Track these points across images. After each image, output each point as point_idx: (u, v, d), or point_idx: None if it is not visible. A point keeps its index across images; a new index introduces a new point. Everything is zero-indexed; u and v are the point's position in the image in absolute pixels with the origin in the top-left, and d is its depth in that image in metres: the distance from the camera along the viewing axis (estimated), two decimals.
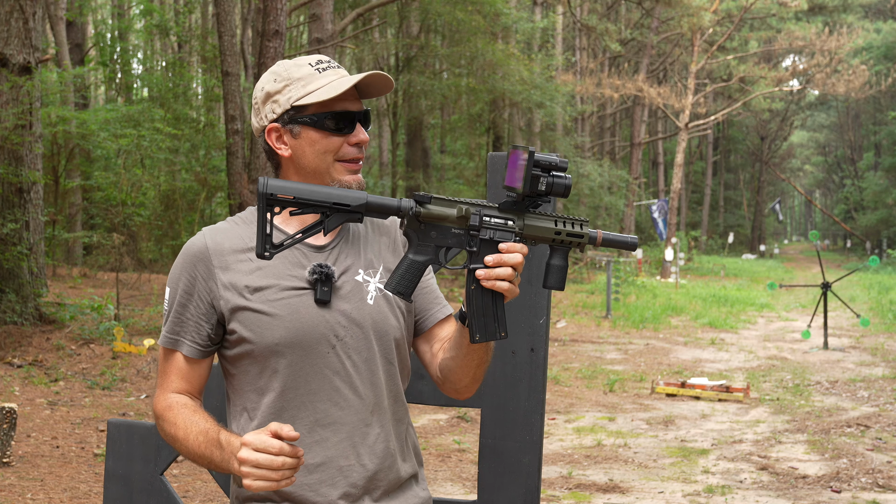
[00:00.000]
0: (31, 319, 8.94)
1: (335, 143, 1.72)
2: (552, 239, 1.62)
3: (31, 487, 5.11)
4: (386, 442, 1.72)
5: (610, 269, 16.11)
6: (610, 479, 5.91)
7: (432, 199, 1.59)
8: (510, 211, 1.61)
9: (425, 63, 22.67)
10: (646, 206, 32.06)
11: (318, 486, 1.67)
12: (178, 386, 1.73)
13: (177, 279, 1.73)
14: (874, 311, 17.25)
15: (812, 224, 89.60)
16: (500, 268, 1.56)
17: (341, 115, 1.71)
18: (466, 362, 1.69)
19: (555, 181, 1.55)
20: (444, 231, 1.60)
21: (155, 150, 14.91)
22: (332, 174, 1.72)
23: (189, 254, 1.72)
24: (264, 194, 1.55)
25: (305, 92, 1.70)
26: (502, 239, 1.59)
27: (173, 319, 1.72)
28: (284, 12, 10.63)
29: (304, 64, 1.73)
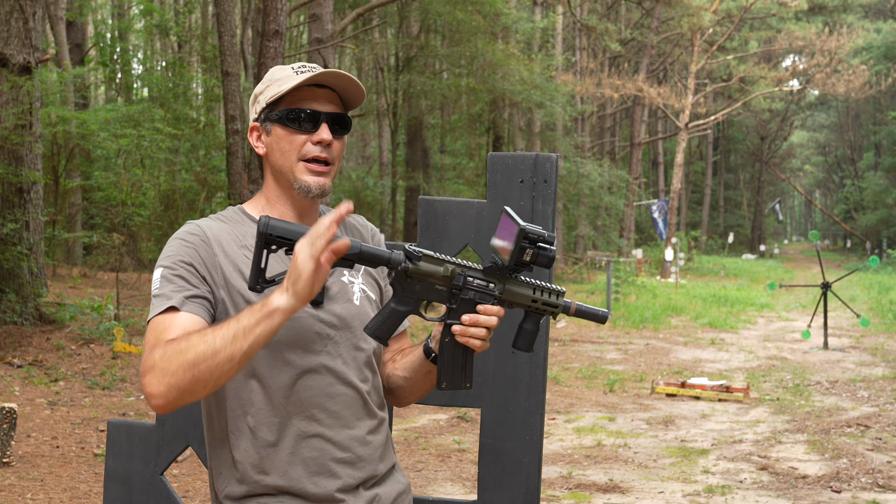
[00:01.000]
0: (31, 319, 8.94)
1: (298, 141, 1.75)
2: (528, 305, 1.70)
3: (31, 487, 5.11)
4: (375, 434, 1.79)
5: (610, 269, 16.10)
6: (610, 479, 5.91)
7: (423, 256, 1.66)
8: (493, 275, 1.69)
9: (425, 63, 22.66)
10: (646, 206, 32.06)
11: (317, 479, 1.71)
12: (179, 334, 1.63)
13: (171, 258, 1.70)
14: (874, 311, 17.25)
15: (812, 224, 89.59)
16: (475, 328, 1.65)
17: (305, 113, 1.75)
18: (418, 387, 1.85)
19: (539, 254, 1.63)
20: (428, 286, 1.68)
21: (155, 150, 14.91)
22: (294, 174, 1.76)
23: (188, 238, 1.72)
24: (264, 234, 1.61)
25: (278, 90, 1.75)
26: (482, 301, 1.68)
27: (173, 288, 1.66)
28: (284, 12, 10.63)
29: (288, 68, 1.79)
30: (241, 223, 1.80)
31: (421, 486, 5.69)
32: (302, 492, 1.70)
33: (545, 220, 2.24)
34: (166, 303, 1.65)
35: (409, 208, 22.35)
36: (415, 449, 6.61)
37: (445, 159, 27.73)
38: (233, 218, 1.81)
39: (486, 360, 2.26)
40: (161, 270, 1.69)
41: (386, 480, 1.82)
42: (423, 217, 2.30)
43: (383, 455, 1.81)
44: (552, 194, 2.24)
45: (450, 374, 1.71)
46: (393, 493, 1.82)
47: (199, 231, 1.74)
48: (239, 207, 1.84)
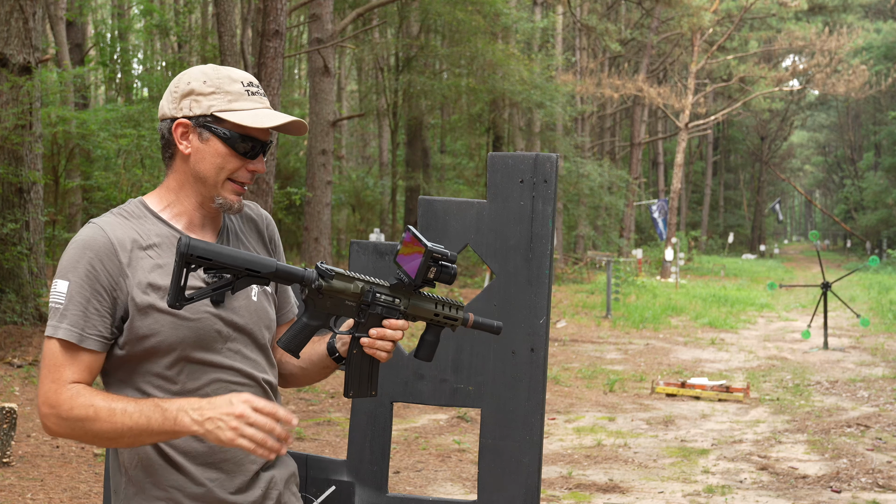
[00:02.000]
0: (31, 319, 8.94)
1: (236, 164, 1.81)
2: (431, 319, 1.84)
3: (31, 487, 5.11)
4: None
5: (610, 269, 16.10)
6: (610, 479, 5.91)
7: (335, 275, 1.77)
8: (399, 291, 1.82)
9: (425, 63, 22.66)
10: (646, 206, 32.06)
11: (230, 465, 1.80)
12: (77, 377, 1.70)
13: (76, 271, 1.71)
14: (874, 311, 17.25)
15: (812, 224, 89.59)
16: (382, 340, 1.78)
17: (253, 142, 1.81)
18: (313, 378, 1.98)
19: (442, 271, 1.76)
20: (338, 302, 1.79)
21: (155, 150, 14.90)
22: (219, 189, 1.82)
23: (92, 247, 1.73)
24: (185, 254, 1.65)
25: (231, 107, 1.79)
26: (388, 315, 1.80)
27: (76, 313, 1.70)
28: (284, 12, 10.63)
29: (238, 80, 1.82)
30: (143, 218, 1.81)
31: (421, 486, 5.69)
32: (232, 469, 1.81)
33: (545, 220, 2.24)
34: (71, 333, 1.70)
35: (409, 208, 22.35)
36: (415, 449, 6.61)
37: (445, 159, 27.73)
38: (135, 213, 1.82)
39: (486, 361, 2.26)
40: (67, 285, 1.71)
41: (277, 463, 1.92)
42: (423, 217, 2.30)
43: None
44: (552, 194, 2.24)
45: (356, 383, 1.83)
46: (286, 475, 1.93)
47: (103, 237, 1.74)
48: (140, 201, 1.85)
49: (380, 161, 28.73)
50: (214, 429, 1.62)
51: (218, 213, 1.88)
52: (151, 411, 1.65)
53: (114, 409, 1.65)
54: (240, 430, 1.61)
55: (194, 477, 1.77)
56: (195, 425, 1.63)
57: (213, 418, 1.62)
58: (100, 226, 1.76)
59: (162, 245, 1.78)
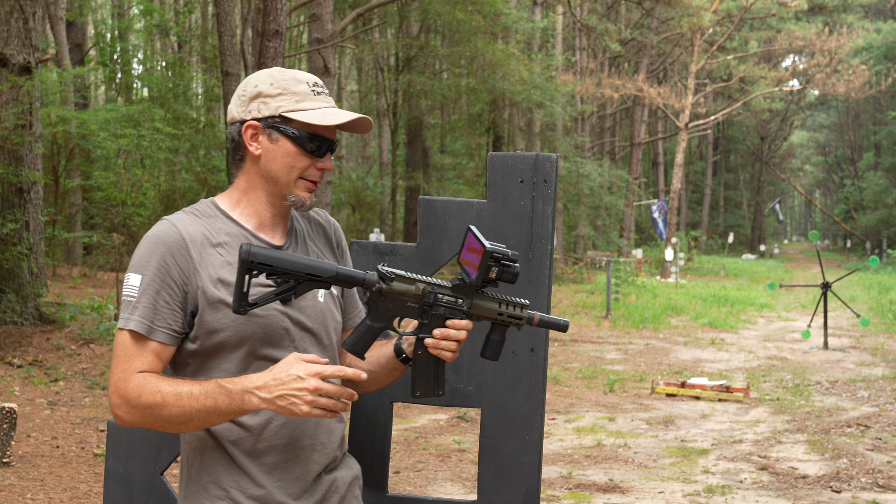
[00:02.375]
0: (31, 319, 8.94)
1: (305, 162, 1.85)
2: (494, 318, 1.84)
3: (31, 487, 5.11)
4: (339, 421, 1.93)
5: (610, 269, 16.10)
6: (610, 479, 5.91)
7: (396, 277, 1.79)
8: (461, 291, 1.83)
9: (425, 63, 22.66)
10: (646, 206, 32.06)
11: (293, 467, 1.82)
12: (146, 367, 1.75)
13: (148, 266, 1.76)
14: (874, 311, 17.25)
15: (812, 224, 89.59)
16: (446, 341, 1.79)
17: (321, 140, 1.85)
18: (380, 381, 1.97)
19: (504, 270, 1.76)
20: (401, 304, 1.81)
21: (155, 150, 14.91)
22: (292, 188, 1.85)
23: (164, 242, 1.77)
24: (246, 261, 1.70)
25: (298, 107, 1.83)
26: (451, 316, 1.81)
27: (147, 305, 1.75)
28: (284, 12, 10.63)
29: (303, 81, 1.85)
30: (214, 217, 1.85)
31: (421, 486, 5.69)
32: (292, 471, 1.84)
33: (545, 220, 2.24)
34: (142, 325, 1.74)
35: (409, 208, 22.35)
36: (415, 449, 6.61)
37: (445, 159, 27.73)
38: (206, 212, 1.86)
39: (486, 361, 2.26)
40: (139, 278, 1.76)
41: (341, 465, 1.94)
42: (423, 217, 2.30)
43: (342, 443, 1.94)
44: (552, 194, 2.24)
45: (423, 383, 1.85)
46: (348, 478, 1.95)
47: (175, 232, 1.78)
48: (211, 201, 1.89)
49: (380, 161, 28.72)
50: (288, 405, 1.66)
51: (287, 214, 1.91)
52: (217, 393, 1.68)
53: (180, 393, 1.69)
54: (315, 403, 1.66)
55: (256, 478, 1.80)
56: (265, 404, 1.67)
57: (284, 395, 1.65)
58: (172, 222, 1.81)
59: (231, 243, 1.82)
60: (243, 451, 1.80)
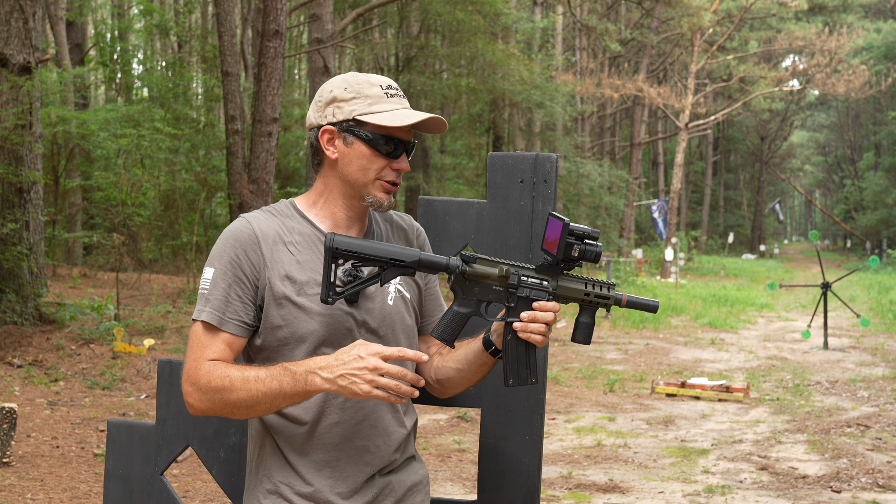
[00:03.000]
0: (31, 319, 8.94)
1: (380, 164, 1.86)
2: (581, 299, 1.81)
3: (31, 487, 5.11)
4: (399, 426, 1.90)
5: (610, 268, 16.10)
6: (610, 479, 5.91)
7: (478, 259, 1.78)
8: (545, 272, 1.81)
9: (425, 63, 22.66)
10: (646, 206, 32.06)
11: (344, 466, 1.82)
12: (216, 356, 1.78)
13: (223, 260, 1.81)
14: (874, 311, 17.25)
15: (812, 224, 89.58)
16: (535, 323, 1.76)
17: (395, 142, 1.87)
18: (469, 378, 1.93)
19: (587, 249, 1.76)
20: (486, 287, 1.80)
21: (155, 150, 14.91)
22: (369, 189, 1.87)
23: (238, 238, 1.82)
24: (330, 248, 1.74)
25: (371, 110, 1.85)
26: (537, 297, 1.79)
27: (219, 297, 1.79)
28: (284, 12, 10.63)
29: (376, 84, 1.88)
30: (290, 217, 1.89)
31: None
32: (341, 473, 1.84)
33: (545, 221, 2.24)
34: (214, 316, 1.79)
35: (409, 208, 22.36)
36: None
37: (445, 159, 27.73)
38: (283, 211, 1.90)
39: None
40: (213, 272, 1.81)
41: (400, 469, 1.92)
42: (423, 217, 2.30)
43: (401, 448, 1.91)
44: (552, 194, 2.24)
45: (515, 370, 1.81)
46: (407, 482, 1.92)
47: (249, 230, 1.83)
48: (290, 201, 1.93)
49: None
50: (349, 384, 1.66)
51: (364, 216, 1.92)
52: (282, 375, 1.70)
53: (247, 377, 1.72)
54: (375, 382, 1.65)
55: (305, 476, 1.81)
56: (327, 384, 1.68)
57: (345, 374, 1.66)
58: (247, 219, 1.85)
59: (302, 243, 1.85)
60: (294, 449, 1.82)
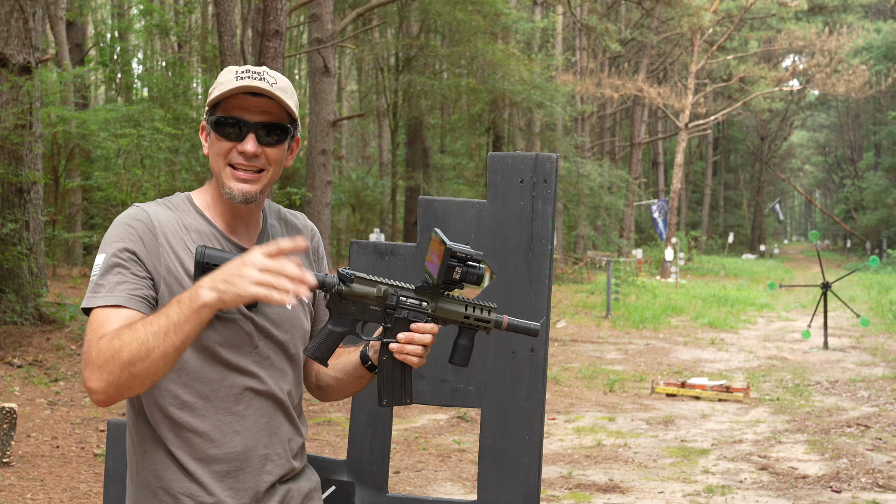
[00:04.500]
0: (31, 319, 8.94)
1: (224, 147, 1.77)
2: (461, 322, 1.77)
3: (31, 487, 5.11)
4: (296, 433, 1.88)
5: (610, 269, 16.10)
6: (610, 479, 5.91)
7: (355, 278, 1.73)
8: (426, 293, 1.76)
9: (425, 63, 22.66)
10: (646, 206, 32.06)
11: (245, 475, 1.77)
12: None
13: (116, 245, 1.71)
14: (874, 311, 17.25)
15: (812, 224, 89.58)
16: (411, 345, 1.72)
17: (231, 121, 1.76)
18: (348, 388, 1.92)
19: (468, 271, 1.70)
20: (362, 307, 1.75)
21: (155, 150, 14.90)
22: (222, 178, 1.78)
23: (132, 224, 1.73)
24: (200, 262, 1.68)
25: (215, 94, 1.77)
26: (415, 319, 1.75)
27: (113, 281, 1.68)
28: (284, 12, 10.63)
29: (233, 70, 1.78)
30: (185, 212, 1.81)
31: (421, 486, 5.69)
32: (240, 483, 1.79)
33: (545, 220, 2.24)
34: (109, 298, 1.67)
35: (409, 208, 22.35)
36: (415, 449, 6.61)
37: (445, 159, 27.73)
38: (179, 206, 1.82)
39: (486, 360, 2.26)
40: (104, 257, 1.71)
41: (297, 476, 1.89)
42: (423, 217, 2.30)
43: (298, 455, 1.89)
44: (552, 194, 2.24)
45: (390, 391, 1.79)
46: (305, 489, 1.90)
47: (145, 217, 1.75)
48: (187, 195, 1.86)
49: (380, 161, 28.72)
50: (230, 287, 1.54)
51: (251, 215, 1.84)
52: (167, 307, 1.59)
53: (134, 326, 1.59)
54: (261, 281, 1.53)
55: (207, 486, 1.75)
56: (213, 292, 1.56)
57: (226, 278, 1.55)
58: (142, 208, 1.78)
59: (199, 240, 1.78)
60: (194, 458, 1.74)
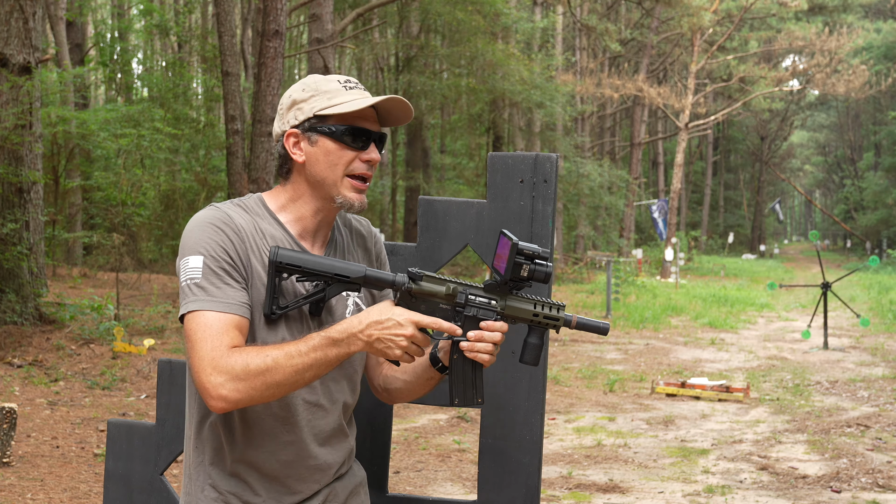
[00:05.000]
0: (31, 319, 8.94)
1: (348, 157, 1.81)
2: (530, 319, 1.78)
3: (31, 487, 5.11)
4: (347, 438, 1.91)
5: (610, 269, 16.10)
6: (610, 479, 5.91)
7: (424, 276, 1.75)
8: (494, 291, 1.77)
9: (425, 63, 22.66)
10: (646, 206, 32.06)
11: (293, 482, 1.81)
12: (236, 342, 1.69)
13: (210, 245, 1.72)
14: (874, 311, 17.25)
15: (812, 224, 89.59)
16: (482, 343, 1.74)
17: (358, 131, 1.80)
18: (416, 391, 1.93)
19: (536, 269, 1.72)
20: (432, 305, 1.76)
21: (155, 150, 14.91)
22: (338, 187, 1.81)
23: (220, 226, 1.74)
24: (274, 262, 1.72)
25: (330, 104, 1.80)
26: (485, 317, 1.76)
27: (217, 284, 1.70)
28: (284, 12, 10.63)
29: (333, 80, 1.83)
30: (261, 216, 1.82)
31: (421, 486, 5.69)
32: (291, 488, 1.83)
33: (545, 220, 2.24)
34: (220, 304, 1.68)
35: (409, 208, 22.35)
36: (415, 449, 6.61)
37: (445, 159, 27.73)
38: (254, 209, 1.83)
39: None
40: (202, 258, 1.70)
41: (345, 475, 1.92)
42: (423, 217, 2.30)
43: (348, 459, 1.92)
44: (552, 194, 2.24)
45: (461, 390, 1.80)
46: (350, 485, 1.93)
47: (229, 221, 1.76)
48: (259, 197, 1.86)
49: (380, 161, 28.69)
50: (384, 348, 1.69)
51: (332, 223, 1.88)
52: (325, 345, 1.68)
53: (289, 353, 1.66)
54: (408, 349, 1.70)
55: (253, 487, 1.79)
56: (365, 346, 1.69)
57: (381, 338, 1.68)
58: (223, 210, 1.78)
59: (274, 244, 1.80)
60: (245, 462, 1.79)
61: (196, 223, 1.74)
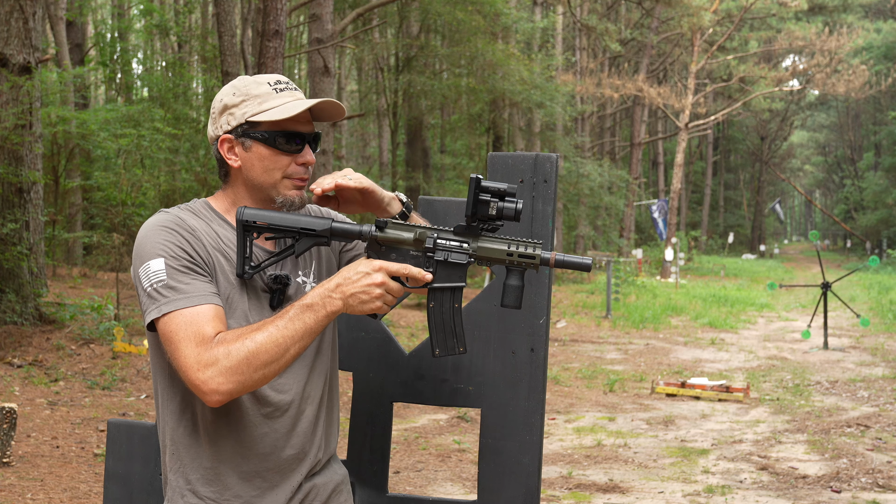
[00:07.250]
0: (31, 319, 8.94)
1: (283, 162, 1.81)
2: (505, 260, 1.71)
3: (31, 487, 5.11)
4: (325, 427, 1.90)
5: (610, 269, 16.10)
6: (610, 479, 5.91)
7: (389, 223, 1.73)
8: (465, 234, 1.72)
9: (425, 63, 22.66)
10: (646, 206, 32.06)
11: (274, 476, 1.81)
12: (220, 329, 1.68)
13: (169, 247, 1.71)
14: (874, 311, 17.25)
15: (812, 224, 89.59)
16: None
17: (291, 135, 1.81)
18: None
19: (504, 206, 1.66)
20: (403, 253, 1.73)
21: (155, 150, 14.90)
22: (277, 188, 1.82)
23: (176, 230, 1.74)
24: (241, 221, 1.72)
25: (260, 109, 1.80)
26: (457, 260, 1.71)
27: (186, 281, 1.69)
28: (284, 12, 10.62)
29: (263, 82, 1.82)
30: (211, 220, 1.82)
31: (421, 486, 5.69)
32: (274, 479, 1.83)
33: (545, 220, 2.24)
34: (192, 299, 1.67)
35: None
36: (415, 449, 6.61)
37: (445, 159, 27.72)
38: (203, 213, 1.83)
39: (485, 361, 2.26)
40: (163, 260, 1.69)
41: (324, 471, 1.92)
42: (424, 217, 2.30)
43: (323, 444, 1.90)
44: (552, 194, 2.24)
45: (442, 339, 1.75)
46: (332, 483, 1.92)
47: (181, 223, 1.76)
48: (205, 202, 1.86)
49: (380, 161, 28.71)
50: (360, 303, 1.66)
51: None
52: (301, 314, 1.66)
53: (269, 330, 1.65)
54: (384, 297, 1.67)
55: (233, 488, 1.78)
56: (342, 303, 1.66)
57: (355, 293, 1.66)
58: (175, 214, 1.78)
59: (231, 244, 1.80)
60: (223, 460, 1.77)
61: (149, 229, 1.74)
